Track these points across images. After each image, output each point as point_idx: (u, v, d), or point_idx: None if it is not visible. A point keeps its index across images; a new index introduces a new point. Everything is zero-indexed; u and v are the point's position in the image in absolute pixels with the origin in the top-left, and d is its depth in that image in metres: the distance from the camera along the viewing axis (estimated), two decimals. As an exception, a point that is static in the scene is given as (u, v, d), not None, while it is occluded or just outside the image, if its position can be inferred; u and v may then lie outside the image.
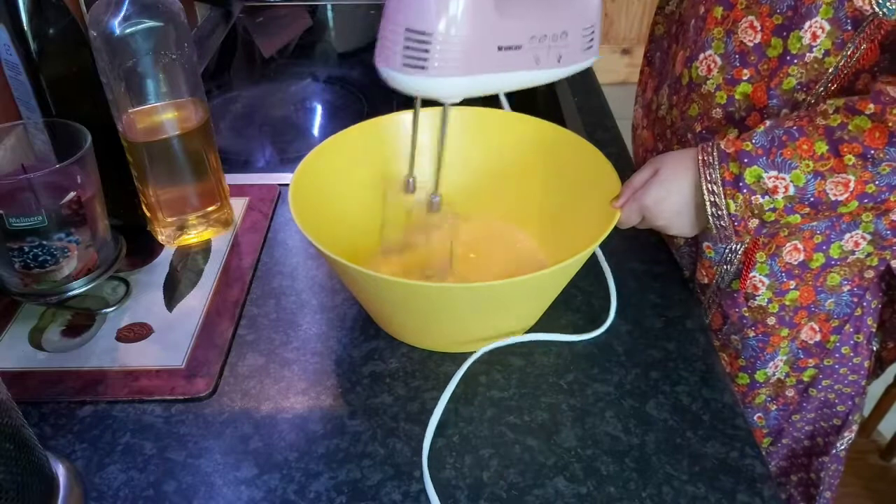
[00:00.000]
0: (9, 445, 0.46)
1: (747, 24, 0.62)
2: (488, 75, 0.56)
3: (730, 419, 0.60)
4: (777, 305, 0.73)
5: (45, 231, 0.61)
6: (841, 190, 0.57)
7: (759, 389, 0.80)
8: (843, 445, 0.85)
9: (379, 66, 0.56)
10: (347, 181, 0.72)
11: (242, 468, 0.56)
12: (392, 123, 0.75)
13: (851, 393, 0.81)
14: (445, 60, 0.53)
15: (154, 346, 0.66)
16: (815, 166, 0.57)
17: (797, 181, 0.57)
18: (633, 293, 0.72)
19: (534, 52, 0.58)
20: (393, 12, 0.54)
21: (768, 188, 0.58)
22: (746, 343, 0.77)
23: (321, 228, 0.62)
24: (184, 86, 0.72)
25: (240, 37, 1.39)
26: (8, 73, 0.70)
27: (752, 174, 0.58)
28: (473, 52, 0.54)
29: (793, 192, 0.58)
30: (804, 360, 0.77)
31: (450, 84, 0.55)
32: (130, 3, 0.65)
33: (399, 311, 0.63)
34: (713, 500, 0.54)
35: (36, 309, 0.70)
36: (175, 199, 0.76)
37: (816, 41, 0.59)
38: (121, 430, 0.59)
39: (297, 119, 1.13)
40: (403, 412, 0.61)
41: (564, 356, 0.65)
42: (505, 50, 0.56)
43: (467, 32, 0.53)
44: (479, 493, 0.54)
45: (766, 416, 0.83)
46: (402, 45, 0.53)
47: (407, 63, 0.54)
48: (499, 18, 0.54)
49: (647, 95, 0.82)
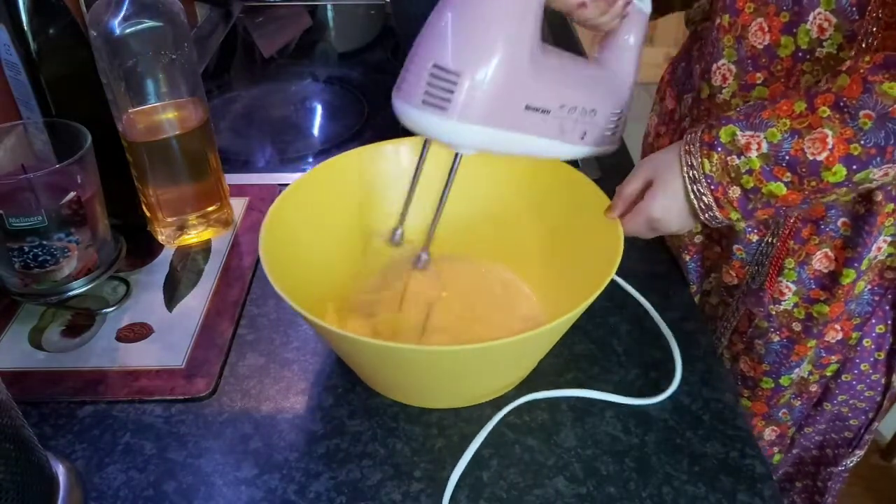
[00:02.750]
0: (9, 445, 0.46)
1: (756, 27, 0.62)
2: (509, 133, 0.53)
3: (730, 419, 0.60)
4: (803, 312, 0.71)
5: (45, 231, 0.61)
6: (819, 147, 0.53)
7: (783, 392, 0.79)
8: (853, 462, 0.85)
9: (395, 100, 0.52)
10: (325, 219, 0.67)
11: (242, 468, 0.56)
12: (378, 153, 0.69)
13: (865, 408, 0.79)
14: (469, 106, 0.50)
15: (154, 346, 0.66)
16: (793, 124, 0.54)
17: (772, 138, 0.54)
18: (629, 293, 0.72)
19: (560, 122, 0.55)
20: (422, 46, 0.51)
21: (741, 145, 0.55)
22: (770, 348, 0.75)
23: (292, 277, 0.57)
24: (184, 86, 0.72)
25: (240, 37, 1.39)
26: (8, 73, 0.70)
27: (727, 132, 0.56)
28: (499, 104, 0.51)
29: (766, 149, 0.55)
30: (826, 357, 0.76)
31: (468, 131, 0.51)
32: (130, 3, 0.65)
33: (381, 370, 0.59)
34: (713, 500, 0.54)
35: (36, 309, 0.70)
36: (175, 199, 0.76)
37: (825, 35, 0.58)
38: (121, 430, 0.59)
39: (297, 119, 1.13)
40: (403, 412, 0.60)
41: (564, 356, 0.65)
42: (532, 111, 0.53)
43: (499, 81, 0.50)
44: (479, 493, 0.54)
45: (791, 411, 0.82)
46: (425, 81, 0.50)
47: (427, 101, 0.50)
48: (532, 76, 0.52)
49: (667, 104, 0.81)
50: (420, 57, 0.51)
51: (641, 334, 0.68)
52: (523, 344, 0.53)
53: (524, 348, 0.56)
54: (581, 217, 0.64)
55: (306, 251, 0.64)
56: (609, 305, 0.70)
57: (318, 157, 0.99)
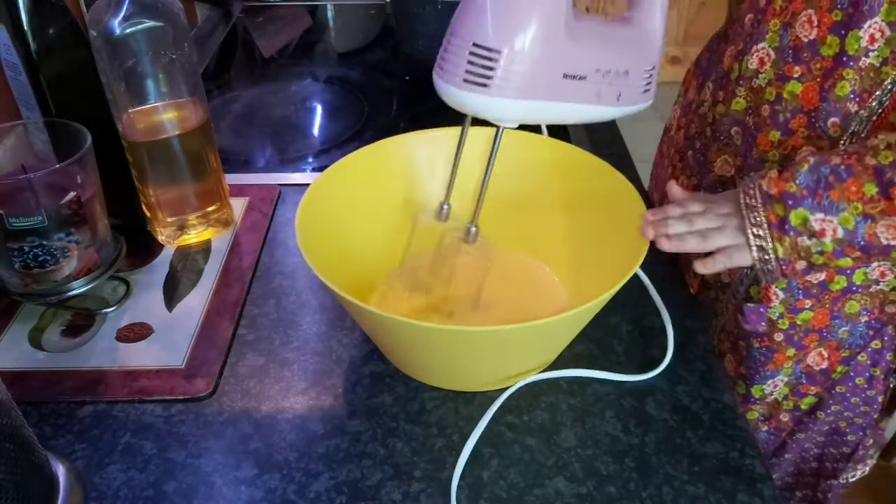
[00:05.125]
0: (9, 445, 0.46)
1: (805, 18, 0.61)
2: (548, 103, 0.54)
3: (730, 419, 0.60)
4: (787, 322, 0.71)
5: (45, 231, 0.61)
6: (893, 234, 0.54)
7: (753, 405, 0.79)
8: (855, 477, 0.84)
9: (437, 79, 0.54)
10: (359, 205, 0.69)
11: (242, 468, 0.56)
12: (404, 144, 0.72)
13: (863, 424, 0.79)
14: (509, 81, 0.51)
15: (154, 346, 0.66)
16: (865, 209, 0.54)
17: (846, 224, 0.54)
18: (633, 293, 0.72)
19: (596, 86, 0.56)
20: (460, 26, 0.52)
21: (815, 231, 0.55)
22: (750, 352, 0.75)
23: (329, 258, 0.59)
24: (184, 86, 0.72)
25: (240, 37, 1.39)
26: (8, 73, 0.70)
27: (798, 216, 0.56)
28: (539, 76, 0.52)
29: (841, 236, 0.55)
30: (806, 385, 0.76)
31: (509, 106, 0.53)
32: (130, 3, 0.65)
33: (417, 352, 0.60)
34: (713, 500, 0.54)
35: (36, 309, 0.70)
36: (175, 199, 0.76)
37: (874, 45, 0.57)
38: (121, 430, 0.59)
39: (297, 119, 1.13)
40: (403, 412, 0.60)
41: (564, 356, 0.65)
42: (569, 78, 0.54)
43: (537, 54, 0.51)
44: (479, 493, 0.54)
45: (755, 435, 0.81)
46: (465, 60, 0.51)
47: (468, 79, 0.52)
48: (569, 44, 0.52)
49: (690, 95, 0.81)
50: (458, 36, 0.52)
51: (642, 334, 0.68)
52: (572, 320, 0.56)
53: (570, 325, 0.59)
54: (608, 210, 0.66)
55: (346, 234, 0.67)
56: (609, 305, 0.70)
57: (317, 157, 0.99)
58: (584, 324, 0.61)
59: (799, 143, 0.64)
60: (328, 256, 0.59)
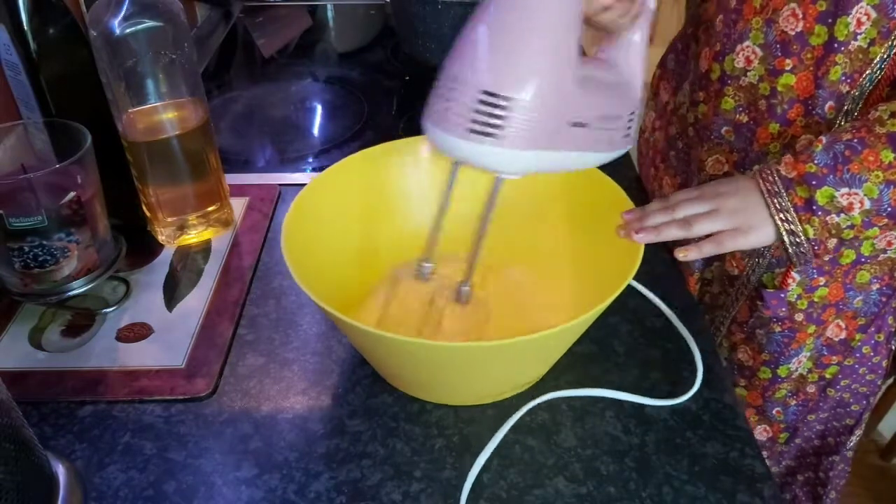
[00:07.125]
0: (9, 445, 0.46)
1: (789, 13, 0.61)
2: (552, 152, 0.51)
3: (730, 419, 0.60)
4: (806, 302, 0.72)
5: (45, 231, 0.61)
6: None
7: (780, 384, 0.80)
8: (853, 443, 0.85)
9: (432, 128, 0.49)
10: (347, 215, 0.67)
11: (242, 468, 0.56)
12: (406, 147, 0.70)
13: (867, 392, 0.81)
14: (520, 130, 0.47)
15: (154, 346, 0.66)
16: (886, 175, 0.55)
17: (871, 194, 0.55)
18: (632, 292, 0.72)
19: (595, 134, 0.53)
20: (464, 71, 0.47)
21: (843, 206, 0.56)
22: (772, 338, 0.76)
23: (317, 269, 0.57)
24: (183, 86, 0.72)
25: (240, 37, 1.39)
26: (8, 73, 0.70)
27: (824, 195, 0.56)
28: (549, 124, 0.48)
29: (868, 206, 0.56)
30: (828, 356, 0.77)
31: (517, 157, 0.48)
32: (130, 3, 0.65)
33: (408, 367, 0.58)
34: (713, 500, 0.54)
35: (36, 309, 0.70)
36: (175, 198, 0.76)
37: (861, 28, 0.58)
38: (121, 430, 0.59)
39: (297, 119, 1.13)
40: (403, 412, 0.60)
41: (564, 356, 0.65)
42: (575, 126, 0.51)
43: (549, 102, 0.47)
44: (479, 493, 0.54)
45: (785, 411, 0.82)
46: (472, 109, 0.46)
47: (475, 129, 0.47)
48: (576, 91, 0.50)
49: (663, 98, 0.81)
50: (462, 83, 0.47)
51: (642, 335, 0.68)
52: (558, 337, 0.53)
53: (557, 341, 0.57)
54: (603, 220, 0.63)
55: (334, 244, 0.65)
56: (609, 306, 0.70)
57: (318, 157, 0.99)
58: (578, 335, 0.60)
59: (798, 131, 0.65)
60: (317, 267, 0.58)
